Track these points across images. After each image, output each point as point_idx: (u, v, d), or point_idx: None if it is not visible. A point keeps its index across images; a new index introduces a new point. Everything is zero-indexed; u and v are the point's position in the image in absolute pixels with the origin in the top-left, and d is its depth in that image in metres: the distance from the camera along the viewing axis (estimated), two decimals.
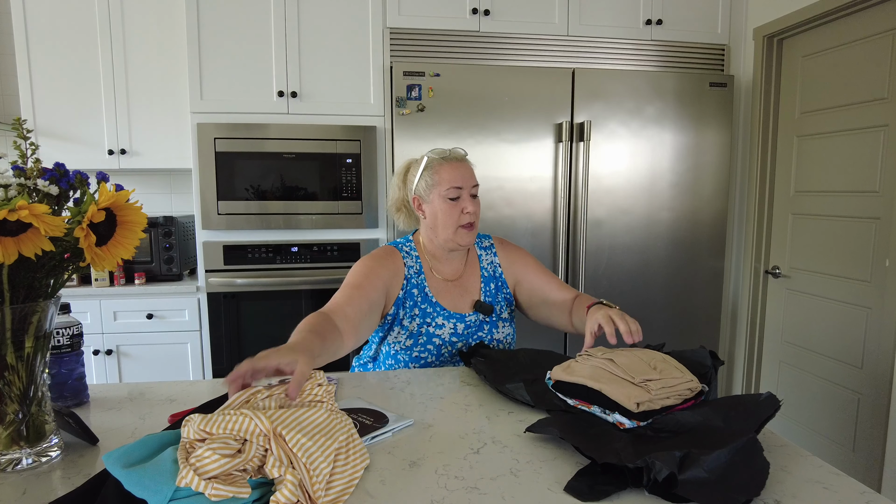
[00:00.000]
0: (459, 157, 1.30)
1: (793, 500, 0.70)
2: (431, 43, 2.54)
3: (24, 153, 0.78)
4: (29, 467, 0.78)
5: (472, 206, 1.24)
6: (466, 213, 1.24)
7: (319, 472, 0.69)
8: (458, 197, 1.25)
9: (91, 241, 0.75)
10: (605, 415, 0.90)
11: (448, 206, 1.24)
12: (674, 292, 2.67)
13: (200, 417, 0.71)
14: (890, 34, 2.04)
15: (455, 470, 0.78)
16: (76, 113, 2.53)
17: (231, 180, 2.42)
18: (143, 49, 2.55)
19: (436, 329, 1.26)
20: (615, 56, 2.66)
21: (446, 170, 1.26)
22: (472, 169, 1.30)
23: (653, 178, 2.59)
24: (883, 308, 2.06)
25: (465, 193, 1.25)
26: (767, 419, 0.81)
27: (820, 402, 2.37)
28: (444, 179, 1.25)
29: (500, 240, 1.44)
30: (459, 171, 1.26)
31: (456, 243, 1.28)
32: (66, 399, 1.00)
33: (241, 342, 2.49)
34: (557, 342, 2.60)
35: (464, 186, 1.25)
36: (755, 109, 2.63)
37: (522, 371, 1.13)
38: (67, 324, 0.99)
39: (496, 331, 1.31)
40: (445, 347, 1.26)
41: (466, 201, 1.25)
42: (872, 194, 2.11)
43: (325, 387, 0.97)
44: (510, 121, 2.48)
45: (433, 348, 1.25)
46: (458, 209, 1.24)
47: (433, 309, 1.26)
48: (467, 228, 1.26)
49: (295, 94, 2.47)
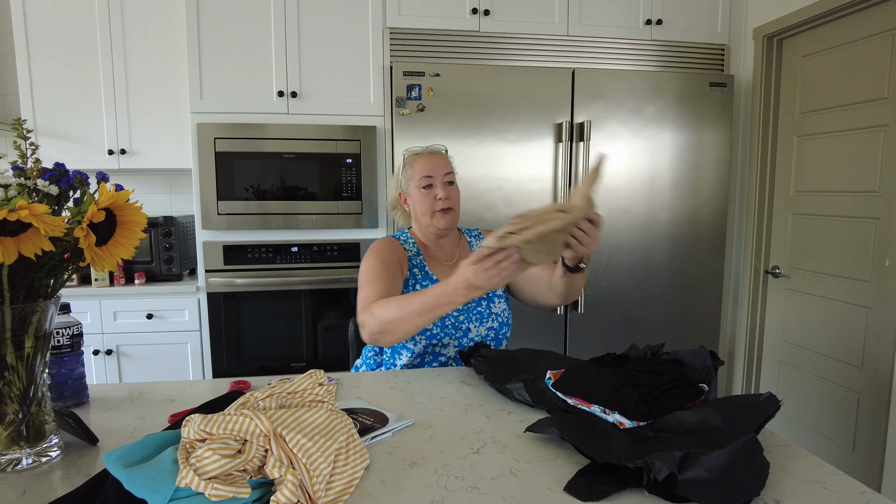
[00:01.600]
0: (431, 150, 1.43)
1: (793, 499, 0.70)
2: (431, 43, 2.54)
3: (24, 153, 0.78)
4: (29, 467, 0.78)
5: (444, 192, 1.35)
6: (439, 199, 1.35)
7: (319, 472, 0.69)
8: (430, 185, 1.37)
9: (91, 241, 0.75)
10: (605, 415, 0.90)
11: (422, 195, 1.37)
12: (674, 292, 2.67)
13: (200, 417, 0.71)
14: (890, 34, 2.04)
15: (455, 470, 0.78)
16: (76, 113, 2.53)
17: (231, 180, 2.42)
18: (143, 49, 2.55)
19: None
20: (615, 56, 2.66)
21: (418, 163, 1.39)
22: (444, 160, 1.41)
23: (653, 178, 2.59)
24: (883, 308, 2.06)
25: (437, 181, 1.37)
26: (767, 419, 0.81)
27: (820, 402, 2.37)
28: (417, 171, 1.38)
29: (488, 230, 1.56)
30: (429, 162, 1.38)
31: (436, 227, 1.39)
32: (66, 399, 1.00)
33: (241, 342, 2.49)
34: (557, 342, 2.60)
35: (435, 175, 1.37)
36: (755, 109, 2.63)
37: (522, 371, 1.13)
38: (67, 324, 0.99)
39: (493, 305, 1.40)
40: (449, 319, 1.34)
41: (439, 188, 1.36)
42: (872, 194, 2.11)
43: (326, 387, 0.97)
44: (510, 121, 2.48)
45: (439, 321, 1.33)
46: (432, 196, 1.36)
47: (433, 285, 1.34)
48: (443, 213, 1.37)
49: (295, 94, 2.47)
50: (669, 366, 0.97)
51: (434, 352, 1.36)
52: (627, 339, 2.64)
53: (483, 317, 1.39)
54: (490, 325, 1.39)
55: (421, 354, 1.35)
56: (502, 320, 1.41)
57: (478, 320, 1.38)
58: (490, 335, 1.39)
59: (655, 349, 1.08)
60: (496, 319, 1.40)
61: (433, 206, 1.36)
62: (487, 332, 1.38)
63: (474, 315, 1.38)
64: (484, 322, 1.38)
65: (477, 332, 1.37)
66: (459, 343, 1.36)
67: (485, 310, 1.40)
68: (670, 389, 0.90)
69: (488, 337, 1.39)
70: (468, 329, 1.36)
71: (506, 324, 1.42)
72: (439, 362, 1.36)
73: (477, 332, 1.37)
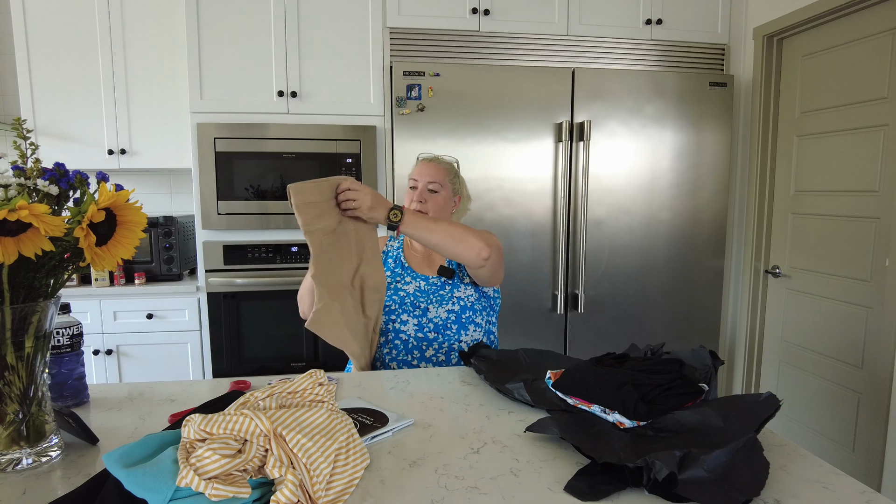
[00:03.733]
0: (431, 159, 1.56)
1: (793, 499, 0.70)
2: (431, 43, 2.54)
3: (24, 153, 0.78)
4: (29, 467, 0.78)
5: (420, 196, 1.49)
6: (413, 200, 1.50)
7: (319, 472, 0.69)
8: (415, 187, 1.51)
9: (91, 241, 0.75)
10: (605, 414, 0.90)
11: (408, 192, 1.54)
12: (674, 292, 2.67)
13: (201, 417, 0.71)
14: (890, 34, 2.04)
15: (455, 470, 0.78)
16: (76, 113, 2.53)
17: (231, 180, 2.42)
18: (143, 49, 2.55)
19: (404, 285, 1.50)
20: (615, 56, 2.66)
21: (417, 166, 1.55)
22: (437, 169, 1.52)
23: (653, 178, 2.59)
24: (883, 308, 2.06)
25: (420, 185, 1.50)
26: (767, 419, 0.81)
27: (820, 402, 2.37)
28: (412, 172, 1.55)
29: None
30: (422, 167, 1.53)
31: None
32: (66, 399, 1.00)
33: (241, 342, 2.49)
34: (557, 342, 2.60)
35: (419, 180, 1.51)
36: (755, 109, 2.63)
37: (522, 371, 1.13)
38: (67, 324, 0.99)
39: (457, 290, 1.48)
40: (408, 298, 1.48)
41: (417, 192, 1.50)
42: (872, 194, 2.11)
43: (326, 387, 0.97)
44: (510, 120, 2.48)
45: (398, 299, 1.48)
46: (412, 196, 1.51)
47: (403, 271, 1.54)
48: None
49: (295, 93, 2.47)
50: (669, 365, 0.97)
51: (395, 329, 1.44)
52: (627, 339, 2.64)
53: (443, 299, 1.46)
54: (450, 308, 1.46)
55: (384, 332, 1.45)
56: (465, 304, 1.47)
57: (437, 302, 1.46)
58: (451, 318, 1.46)
59: (655, 349, 1.08)
60: (457, 303, 1.47)
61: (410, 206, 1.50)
62: (447, 315, 1.45)
63: (434, 297, 1.47)
64: (443, 304, 1.46)
65: (436, 312, 1.45)
66: (419, 322, 1.45)
67: (447, 293, 1.47)
68: (670, 389, 0.90)
69: (449, 319, 1.45)
70: (427, 309, 1.45)
71: (470, 308, 1.48)
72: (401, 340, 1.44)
73: (436, 312, 1.45)
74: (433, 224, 1.32)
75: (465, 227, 1.36)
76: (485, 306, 1.52)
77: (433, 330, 1.45)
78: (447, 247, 1.33)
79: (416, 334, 1.45)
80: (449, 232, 1.32)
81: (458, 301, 1.48)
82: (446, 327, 1.45)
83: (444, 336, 1.45)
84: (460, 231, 1.32)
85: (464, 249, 1.33)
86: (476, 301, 1.50)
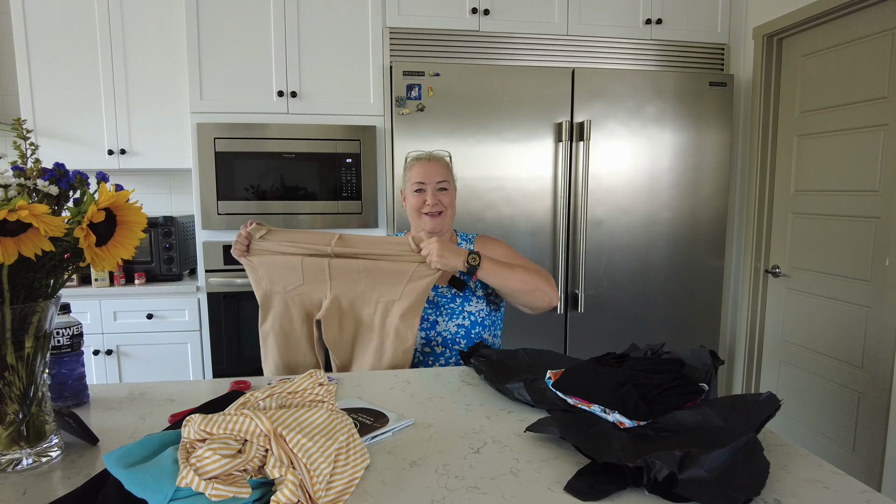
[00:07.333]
0: (429, 157, 1.52)
1: (793, 499, 0.70)
2: (431, 43, 2.54)
3: (24, 153, 0.78)
4: (29, 467, 0.78)
5: (433, 198, 1.46)
6: (427, 203, 1.47)
7: (320, 472, 0.69)
8: (422, 190, 1.48)
9: (91, 241, 0.75)
10: (605, 414, 0.90)
11: (414, 197, 1.50)
12: (674, 292, 2.67)
13: (201, 417, 0.71)
14: (890, 34, 2.04)
15: (455, 470, 0.78)
16: (76, 113, 2.53)
17: (231, 180, 2.42)
18: (143, 49, 2.55)
19: None
20: (615, 56, 2.66)
21: (415, 168, 1.50)
22: (440, 167, 1.50)
23: (653, 178, 2.59)
24: (883, 307, 2.06)
25: (428, 188, 1.47)
26: (767, 419, 0.81)
27: (820, 402, 2.37)
28: (412, 176, 1.50)
29: (483, 236, 1.61)
30: (424, 169, 1.49)
31: (421, 227, 1.51)
32: (66, 399, 1.00)
33: (241, 342, 2.49)
34: (557, 342, 2.60)
35: (427, 182, 1.47)
36: (755, 109, 2.63)
37: (522, 371, 1.13)
38: (67, 324, 0.98)
39: (468, 304, 1.46)
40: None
41: (429, 194, 1.47)
42: (872, 194, 2.11)
43: (326, 387, 0.97)
44: (510, 120, 2.48)
45: None
46: (422, 200, 1.48)
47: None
48: (431, 216, 1.48)
49: (295, 93, 2.47)
50: (669, 365, 0.96)
51: None
52: (627, 339, 2.64)
53: (454, 313, 1.45)
54: (460, 322, 1.44)
55: None
56: (475, 320, 1.46)
57: (447, 316, 1.44)
58: (460, 332, 1.44)
59: (655, 349, 1.08)
60: (468, 318, 1.45)
61: (421, 209, 1.49)
62: (457, 329, 1.44)
63: (445, 310, 1.45)
64: (454, 318, 1.44)
65: (445, 326, 1.44)
66: (426, 335, 1.44)
67: (458, 307, 1.45)
68: (670, 389, 0.90)
69: (458, 334, 1.44)
70: (436, 321, 1.44)
71: (480, 324, 1.47)
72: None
73: (445, 326, 1.44)
74: (509, 272, 1.33)
75: (532, 271, 1.37)
76: (494, 321, 1.51)
77: (441, 343, 1.43)
78: (520, 296, 1.35)
79: (424, 348, 1.44)
80: (523, 280, 1.34)
81: (468, 316, 1.46)
82: (455, 342, 1.43)
83: (451, 351, 1.43)
84: (533, 280, 1.34)
85: (536, 299, 1.36)
86: (486, 317, 1.48)
